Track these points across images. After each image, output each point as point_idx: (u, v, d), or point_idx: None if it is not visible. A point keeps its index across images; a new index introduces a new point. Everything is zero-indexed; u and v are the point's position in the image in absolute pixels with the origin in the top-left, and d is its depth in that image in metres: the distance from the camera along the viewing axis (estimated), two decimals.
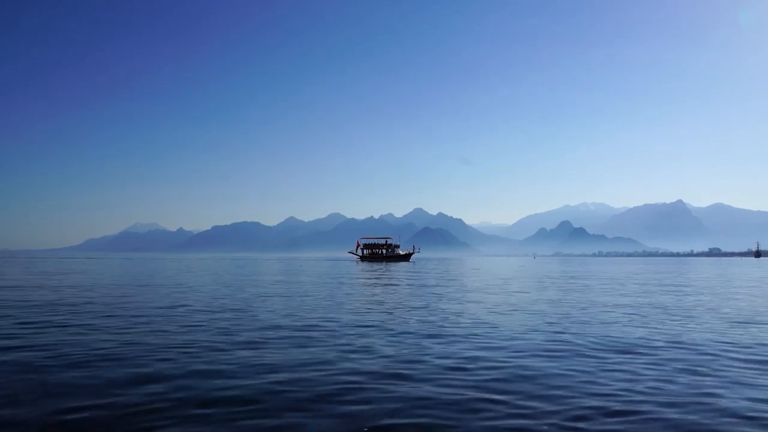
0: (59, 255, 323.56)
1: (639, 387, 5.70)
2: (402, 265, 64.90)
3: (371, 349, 7.76)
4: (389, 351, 7.60)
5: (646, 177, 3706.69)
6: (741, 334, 9.24)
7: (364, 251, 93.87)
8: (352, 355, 7.28)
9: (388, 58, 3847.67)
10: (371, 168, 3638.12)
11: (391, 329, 9.67)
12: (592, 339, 8.64)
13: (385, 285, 23.25)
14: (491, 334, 9.08)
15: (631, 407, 5.01)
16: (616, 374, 6.26)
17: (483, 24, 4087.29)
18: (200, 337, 8.79)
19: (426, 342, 8.36)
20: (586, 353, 7.48)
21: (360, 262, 77.93)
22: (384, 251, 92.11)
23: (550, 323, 10.51)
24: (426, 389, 5.57)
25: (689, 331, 9.64)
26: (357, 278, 29.62)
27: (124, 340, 8.45)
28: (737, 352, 7.67)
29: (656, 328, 9.86)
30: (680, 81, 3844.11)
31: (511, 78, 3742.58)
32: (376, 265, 59.86)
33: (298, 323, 10.41)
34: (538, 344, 8.17)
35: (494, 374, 6.22)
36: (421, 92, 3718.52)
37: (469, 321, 10.83)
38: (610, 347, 7.94)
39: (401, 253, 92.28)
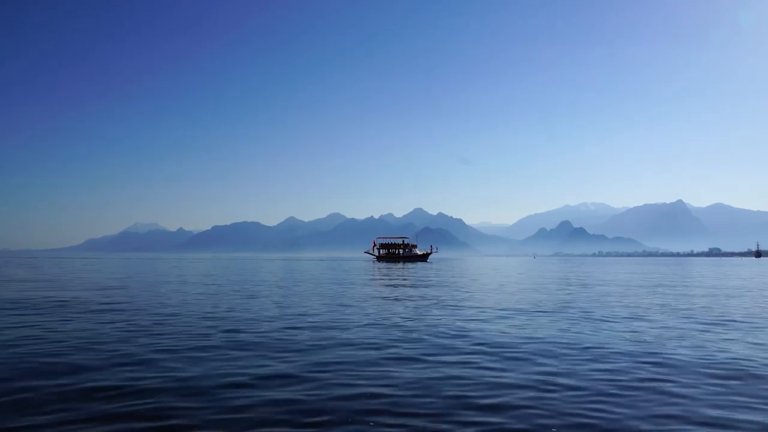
0: (59, 255, 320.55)
1: None
2: (425, 265, 62.45)
3: None
4: None
5: (646, 177, 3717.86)
6: None
7: (381, 251, 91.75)
8: None
9: (388, 58, 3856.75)
10: (371, 168, 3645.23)
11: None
12: None
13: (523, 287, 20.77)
14: None
15: None
16: None
17: (483, 24, 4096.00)
18: None
19: None
20: None
21: (377, 262, 75.68)
22: (401, 251, 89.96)
23: None
24: None
25: None
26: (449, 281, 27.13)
27: None
28: None
29: None
30: (680, 81, 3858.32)
31: (511, 78, 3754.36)
32: (403, 266, 57.31)
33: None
34: None
35: None
36: (421, 92, 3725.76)
37: None
38: None
39: (419, 253, 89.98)
